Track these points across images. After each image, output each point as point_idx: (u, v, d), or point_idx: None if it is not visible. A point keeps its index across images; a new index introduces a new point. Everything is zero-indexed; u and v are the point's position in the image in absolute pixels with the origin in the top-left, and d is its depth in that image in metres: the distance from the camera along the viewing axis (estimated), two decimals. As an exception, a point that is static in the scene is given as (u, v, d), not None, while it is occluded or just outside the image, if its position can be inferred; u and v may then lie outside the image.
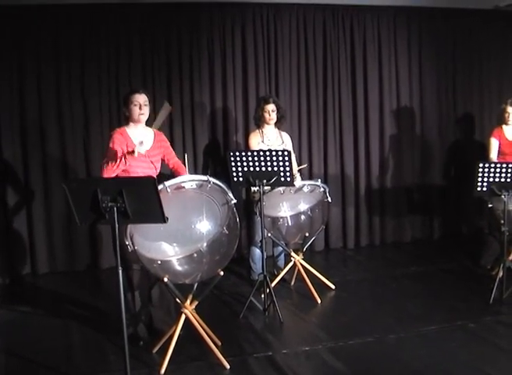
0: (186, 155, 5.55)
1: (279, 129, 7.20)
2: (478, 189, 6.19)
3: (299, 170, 7.13)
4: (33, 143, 7.88)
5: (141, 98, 5.46)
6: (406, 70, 9.16)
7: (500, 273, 6.38)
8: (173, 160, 5.77)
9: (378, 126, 9.09)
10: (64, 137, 7.97)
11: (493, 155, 7.23)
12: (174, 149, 7.93)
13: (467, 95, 9.49)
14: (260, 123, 7.08)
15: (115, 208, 4.16)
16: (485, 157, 7.28)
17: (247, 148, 7.15)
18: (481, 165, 6.11)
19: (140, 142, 5.14)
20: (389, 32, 9.02)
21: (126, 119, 5.57)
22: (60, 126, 7.95)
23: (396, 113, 9.15)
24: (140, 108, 5.44)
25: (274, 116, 7.01)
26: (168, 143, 5.86)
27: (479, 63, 9.46)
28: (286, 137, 7.28)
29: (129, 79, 8.09)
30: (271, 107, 6.98)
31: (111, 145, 5.39)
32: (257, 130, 7.08)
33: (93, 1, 7.77)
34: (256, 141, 6.99)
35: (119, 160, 5.17)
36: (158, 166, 5.61)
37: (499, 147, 7.25)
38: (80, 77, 7.96)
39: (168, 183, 4.66)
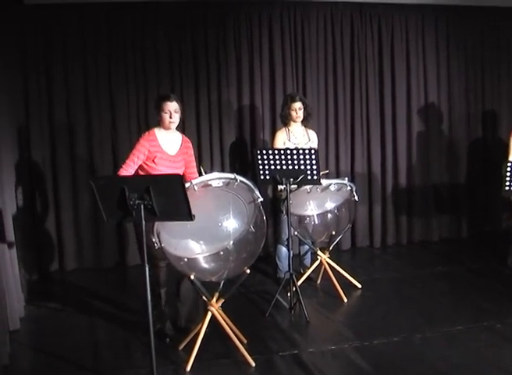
0: (201, 167, 5.60)
1: (305, 127, 7.20)
2: (507, 188, 6.13)
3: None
4: (61, 143, 7.97)
5: (172, 106, 5.51)
6: (434, 69, 9.09)
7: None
8: (190, 171, 5.81)
9: (406, 124, 9.04)
10: (92, 136, 8.03)
11: None
12: (201, 147, 8.06)
13: (496, 94, 9.41)
14: (286, 121, 7.07)
15: (143, 206, 4.18)
16: (507, 157, 7.17)
17: (272, 146, 7.15)
18: (509, 164, 6.05)
19: None
20: (416, 30, 8.96)
21: (158, 121, 5.64)
22: (88, 126, 8.02)
23: (423, 112, 9.09)
24: (171, 116, 5.51)
25: (301, 114, 7.01)
26: (193, 151, 5.91)
27: (508, 61, 9.38)
28: (313, 134, 7.27)
29: (157, 78, 8.14)
30: (297, 105, 6.98)
31: (138, 145, 5.50)
32: (284, 129, 7.09)
33: (119, 0, 7.83)
34: (281, 140, 6.99)
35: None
36: (181, 171, 5.64)
37: None
38: (107, 76, 8.02)
39: (195, 181, 4.68)
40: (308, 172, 6.02)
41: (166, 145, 5.59)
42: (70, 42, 7.84)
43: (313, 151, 5.97)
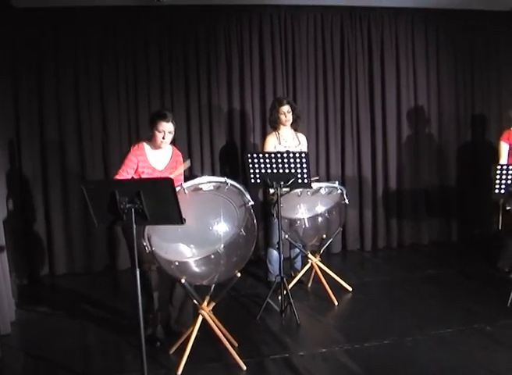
0: (188, 163, 5.64)
1: (295, 130, 7.22)
2: (496, 191, 6.14)
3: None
4: (52, 148, 7.96)
5: (167, 127, 5.52)
6: (423, 72, 9.13)
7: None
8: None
9: (396, 128, 9.07)
10: (83, 141, 8.05)
11: (503, 159, 7.14)
12: (191, 151, 8.06)
13: (485, 97, 9.45)
14: (276, 125, 7.09)
15: (133, 210, 4.17)
16: (496, 161, 7.20)
17: (262, 150, 7.16)
18: (498, 167, 6.07)
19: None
20: (406, 34, 9.00)
21: (150, 136, 5.64)
22: (78, 132, 8.04)
23: (413, 115, 9.12)
24: (164, 137, 5.53)
25: (290, 117, 7.02)
26: (182, 165, 5.91)
27: (497, 65, 9.41)
28: (303, 138, 7.29)
29: (147, 82, 8.15)
30: (286, 108, 7.00)
31: (127, 160, 5.53)
32: (274, 133, 7.10)
33: (110, 4, 7.82)
34: (272, 144, 7.00)
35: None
36: None
37: (510, 150, 7.17)
38: (98, 82, 8.03)
39: (185, 184, 4.68)
40: (299, 175, 6.02)
41: (154, 160, 5.62)
42: (61, 47, 7.86)
43: (303, 155, 5.98)
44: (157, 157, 5.63)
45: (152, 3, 7.82)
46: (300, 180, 6.06)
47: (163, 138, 5.51)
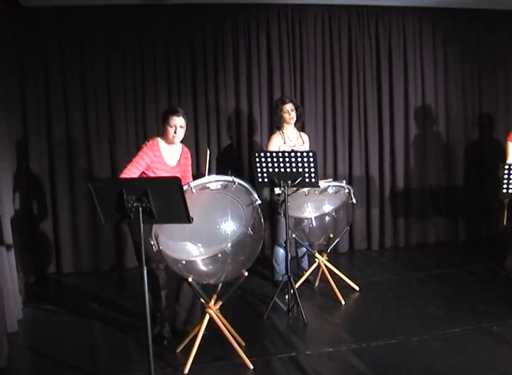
0: (208, 152, 5.68)
1: (299, 129, 7.24)
2: (504, 191, 6.12)
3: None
4: (59, 147, 7.97)
5: (178, 121, 5.56)
6: (431, 71, 9.09)
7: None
8: (185, 181, 5.65)
9: (403, 127, 9.04)
10: (90, 140, 8.04)
11: (511, 159, 7.10)
12: (199, 150, 8.05)
13: (493, 96, 9.41)
14: (280, 124, 7.09)
15: (141, 208, 4.18)
16: (503, 160, 7.17)
17: (267, 150, 7.14)
18: (506, 166, 6.05)
19: None
20: (414, 32, 8.96)
21: (162, 133, 5.70)
22: (86, 130, 8.03)
23: (421, 114, 9.09)
24: (176, 131, 5.57)
25: (294, 115, 7.03)
26: (190, 161, 5.98)
27: (504, 64, 9.37)
28: (306, 137, 7.31)
29: (154, 81, 8.14)
30: (289, 107, 7.00)
31: (139, 156, 5.53)
32: (278, 132, 7.09)
33: (116, 3, 7.82)
34: (277, 144, 7.00)
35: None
36: None
37: None
38: (105, 80, 8.02)
39: (193, 183, 4.68)
40: (306, 174, 6.01)
41: (167, 157, 5.65)
42: (68, 46, 7.84)
43: (311, 154, 5.96)
44: (170, 153, 5.68)
45: (159, 2, 7.82)
46: (307, 180, 6.05)
47: (175, 133, 5.55)
